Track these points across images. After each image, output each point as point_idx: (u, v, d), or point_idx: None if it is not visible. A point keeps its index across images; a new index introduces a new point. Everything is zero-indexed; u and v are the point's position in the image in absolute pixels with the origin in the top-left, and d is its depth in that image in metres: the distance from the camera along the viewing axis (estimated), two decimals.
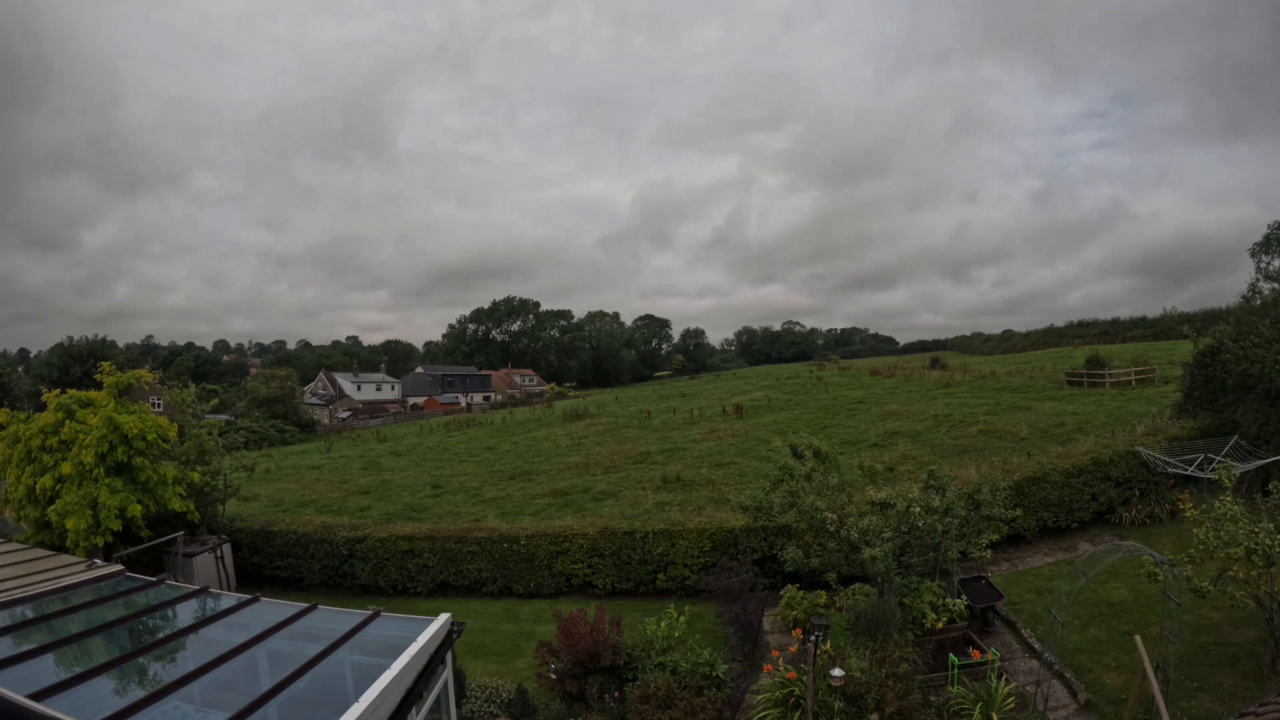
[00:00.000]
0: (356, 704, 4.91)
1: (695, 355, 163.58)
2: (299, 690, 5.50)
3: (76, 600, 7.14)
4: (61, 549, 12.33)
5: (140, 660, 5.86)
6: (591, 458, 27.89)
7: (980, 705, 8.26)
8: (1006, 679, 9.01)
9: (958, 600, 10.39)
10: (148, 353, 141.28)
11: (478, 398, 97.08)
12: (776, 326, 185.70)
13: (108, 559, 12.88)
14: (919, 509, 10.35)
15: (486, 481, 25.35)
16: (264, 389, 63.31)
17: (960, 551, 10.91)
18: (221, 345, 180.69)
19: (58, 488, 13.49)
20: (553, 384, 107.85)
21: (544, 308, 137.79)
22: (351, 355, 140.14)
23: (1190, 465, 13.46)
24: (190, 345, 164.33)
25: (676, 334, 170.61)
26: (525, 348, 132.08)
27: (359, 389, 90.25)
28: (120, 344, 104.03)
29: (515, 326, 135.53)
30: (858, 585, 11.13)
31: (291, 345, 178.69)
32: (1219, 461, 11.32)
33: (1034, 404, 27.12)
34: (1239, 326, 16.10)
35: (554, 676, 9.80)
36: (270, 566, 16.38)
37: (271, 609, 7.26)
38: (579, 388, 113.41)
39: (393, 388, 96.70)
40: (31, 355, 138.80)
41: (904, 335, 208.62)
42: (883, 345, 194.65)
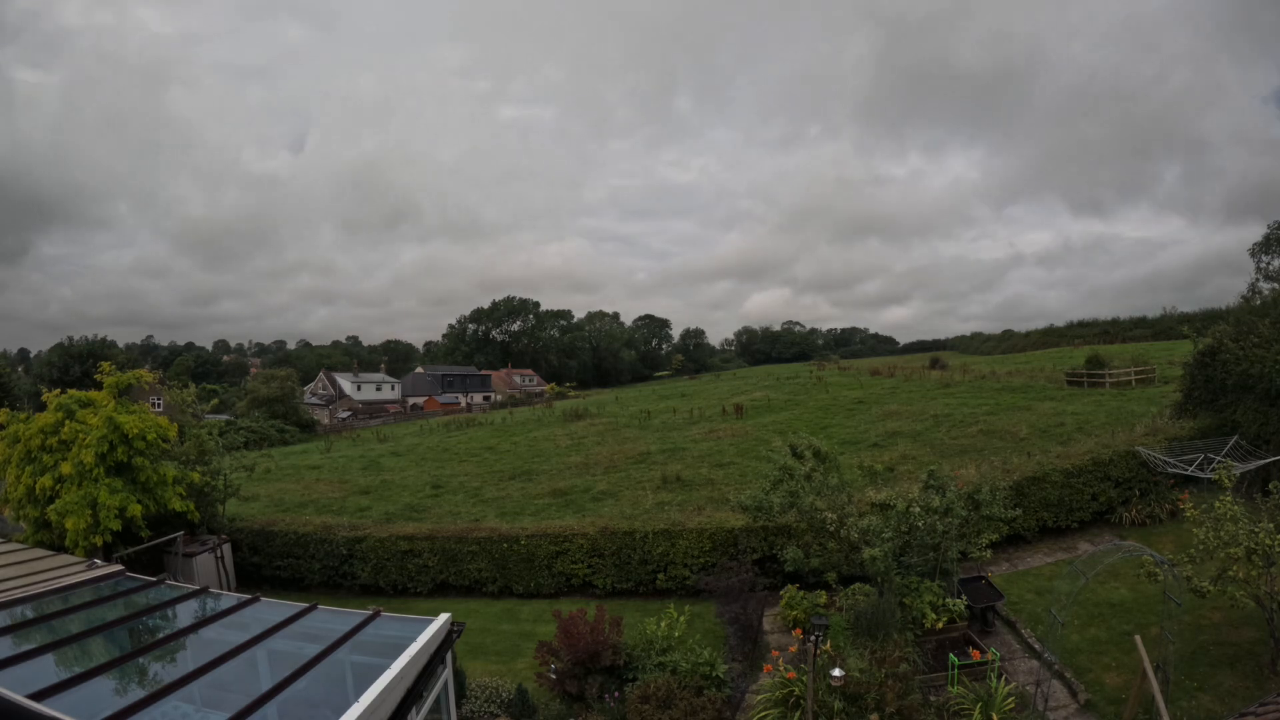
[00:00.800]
0: (356, 704, 4.91)
1: (695, 355, 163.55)
2: (299, 690, 5.51)
3: (76, 600, 7.14)
4: (61, 549, 12.33)
5: (140, 660, 5.86)
6: (591, 458, 27.88)
7: (980, 705, 8.26)
8: (1006, 679, 9.02)
9: (958, 600, 10.40)
10: (148, 353, 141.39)
11: (478, 398, 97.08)
12: (776, 327, 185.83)
13: (108, 559, 12.87)
14: (919, 509, 10.36)
15: (486, 481, 25.35)
16: (264, 389, 63.28)
17: (960, 551, 10.91)
18: (221, 345, 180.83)
19: (57, 487, 13.50)
20: (553, 384, 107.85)
21: (544, 308, 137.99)
22: (351, 355, 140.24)
23: (1190, 465, 13.45)
24: (190, 345, 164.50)
25: (676, 334, 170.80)
26: (525, 348, 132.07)
27: (359, 389, 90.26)
28: (120, 344, 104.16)
29: (515, 326, 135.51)
30: (858, 585, 11.13)
31: (291, 345, 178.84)
32: (1219, 461, 11.33)
33: (1034, 404, 27.12)
34: (1239, 326, 16.10)
35: (554, 676, 9.80)
36: (270, 566, 16.37)
37: (271, 609, 7.27)
38: (579, 388, 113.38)
39: (393, 388, 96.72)
40: (31, 355, 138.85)
41: (904, 335, 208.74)
42: (883, 345, 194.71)
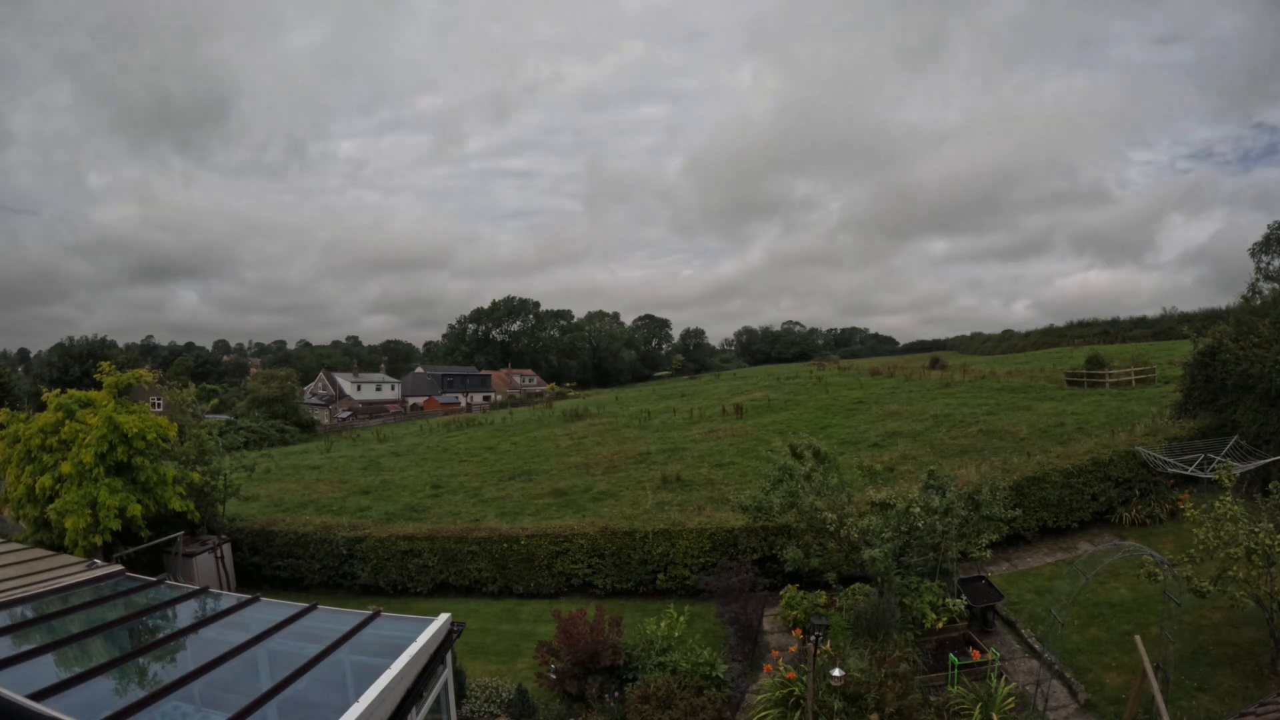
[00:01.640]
0: (356, 704, 4.91)
1: (695, 355, 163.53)
2: (299, 690, 5.50)
3: (76, 600, 7.14)
4: (61, 548, 12.33)
5: (140, 660, 5.86)
6: (591, 458, 27.88)
7: (980, 705, 8.26)
8: (1006, 679, 9.02)
9: (958, 600, 10.40)
10: (147, 353, 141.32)
11: (478, 398, 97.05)
12: (776, 326, 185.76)
13: (107, 559, 12.87)
14: (919, 509, 10.35)
15: (486, 481, 25.34)
16: (264, 389, 63.26)
17: (960, 551, 10.91)
18: (221, 345, 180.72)
19: (57, 487, 13.50)
20: (553, 384, 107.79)
21: (544, 307, 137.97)
22: (351, 355, 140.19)
23: (1190, 465, 13.45)
24: (190, 345, 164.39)
25: (676, 334, 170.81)
26: (525, 348, 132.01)
27: (359, 389, 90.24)
28: (120, 344, 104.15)
29: (515, 326, 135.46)
30: (858, 585, 11.13)
31: (291, 345, 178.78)
32: (1219, 461, 11.32)
33: (1034, 404, 27.12)
34: (1239, 326, 16.10)
35: (554, 676, 9.80)
36: (270, 566, 16.37)
37: (271, 609, 7.27)
38: (579, 388, 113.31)
39: (393, 388, 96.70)
40: (31, 355, 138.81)
41: (904, 335, 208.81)
42: (882, 345, 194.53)
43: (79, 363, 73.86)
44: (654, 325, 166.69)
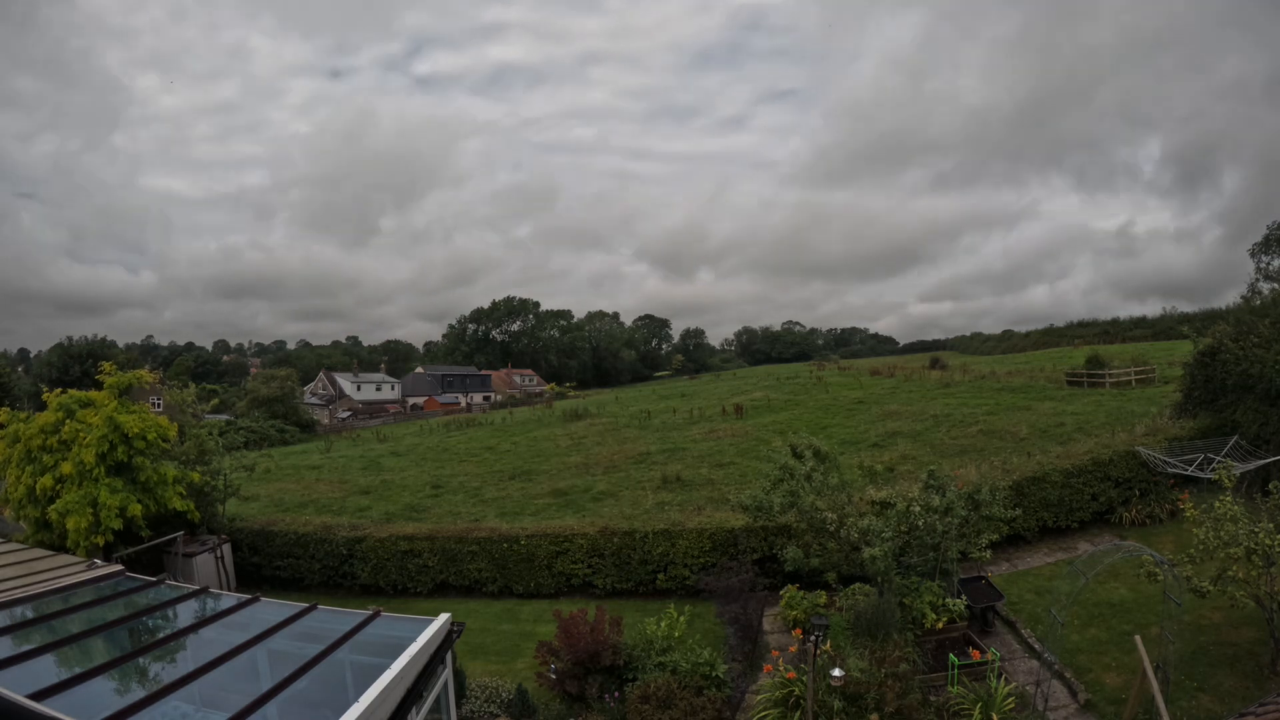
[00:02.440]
0: (356, 704, 4.91)
1: (695, 355, 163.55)
2: (299, 690, 5.51)
3: (76, 600, 7.15)
4: (61, 549, 12.33)
5: (140, 660, 5.87)
6: (591, 458, 27.89)
7: (980, 705, 8.26)
8: (1006, 679, 9.02)
9: (958, 600, 10.39)
10: (148, 353, 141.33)
11: (478, 398, 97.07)
12: (776, 327, 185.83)
13: (108, 559, 12.87)
14: (919, 509, 10.36)
15: (486, 481, 25.35)
16: (264, 389, 63.28)
17: (960, 551, 10.91)
18: (221, 345, 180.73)
19: (58, 487, 13.50)
20: (553, 384, 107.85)
21: (544, 307, 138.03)
22: (351, 355, 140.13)
23: (1190, 465, 13.46)
24: (190, 345, 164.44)
25: (676, 334, 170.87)
26: (525, 348, 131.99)
27: (359, 389, 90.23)
28: (120, 344, 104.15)
29: (515, 326, 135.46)
30: (858, 585, 11.13)
31: (291, 345, 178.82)
32: (1219, 461, 11.32)
33: (1034, 404, 27.12)
34: (1239, 326, 16.09)
35: (554, 676, 9.80)
36: (270, 566, 16.37)
37: (271, 609, 7.28)
38: (579, 388, 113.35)
39: (393, 388, 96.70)
40: (31, 355, 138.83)
41: (904, 335, 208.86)
42: (882, 345, 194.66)
43: (79, 363, 73.82)
44: (654, 325, 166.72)
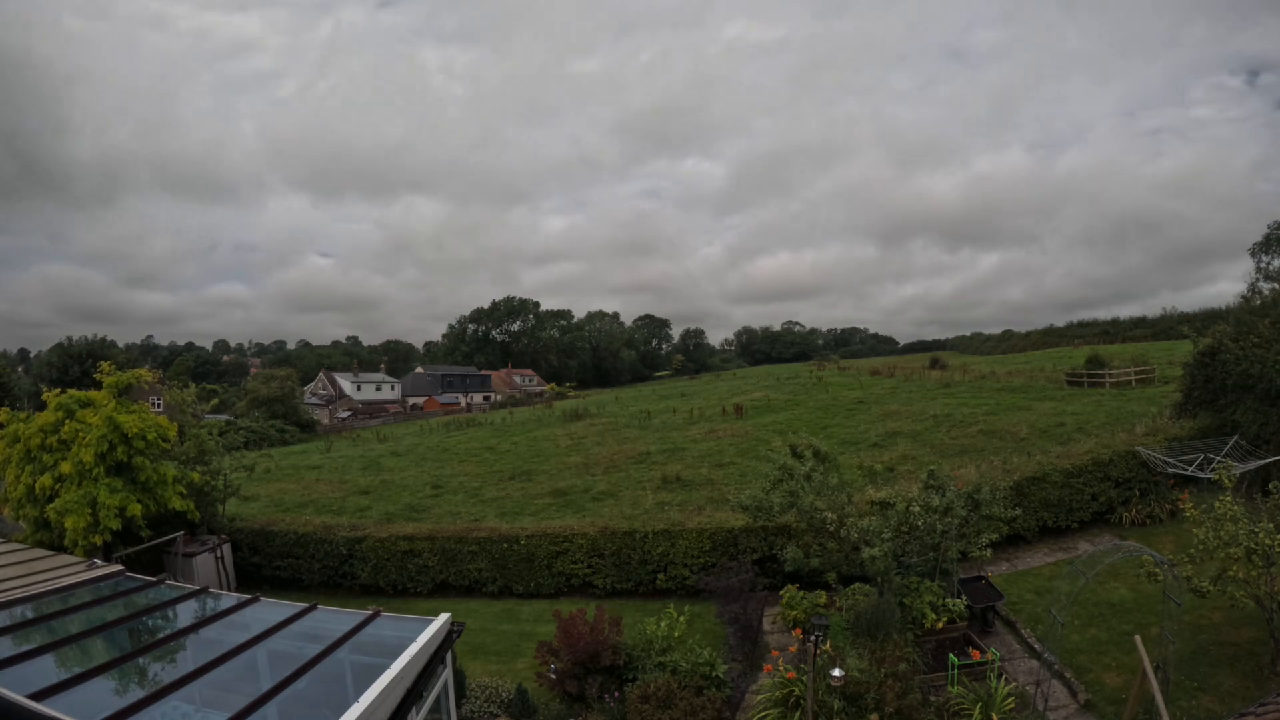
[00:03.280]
0: (356, 704, 4.91)
1: (695, 355, 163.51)
2: (299, 690, 5.51)
3: (76, 600, 7.14)
4: (60, 548, 12.34)
5: (140, 660, 5.86)
6: (591, 458, 27.88)
7: (980, 705, 8.26)
8: (1006, 679, 9.02)
9: (958, 600, 10.39)
10: (147, 353, 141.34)
11: (478, 398, 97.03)
12: (776, 326, 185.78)
13: (107, 559, 12.87)
14: (919, 509, 10.36)
15: (486, 481, 25.34)
16: (264, 389, 63.26)
17: (960, 551, 10.90)
18: (221, 345, 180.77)
19: (57, 487, 13.49)
20: (553, 384, 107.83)
21: (544, 307, 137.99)
22: (351, 355, 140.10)
23: (1190, 465, 13.45)
24: (190, 345, 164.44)
25: (676, 334, 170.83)
26: (525, 348, 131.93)
27: (359, 389, 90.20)
28: (120, 344, 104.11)
29: (515, 326, 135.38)
30: (858, 585, 11.13)
31: (291, 345, 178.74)
32: (1219, 461, 11.32)
33: (1034, 404, 27.11)
34: (1239, 326, 16.08)
35: (554, 676, 9.80)
36: (270, 566, 16.36)
37: (271, 609, 7.27)
38: (579, 388, 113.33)
39: (393, 388, 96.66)
40: (31, 355, 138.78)
41: (903, 335, 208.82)
42: (882, 345, 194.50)
43: (79, 363, 73.75)
44: (654, 325, 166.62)
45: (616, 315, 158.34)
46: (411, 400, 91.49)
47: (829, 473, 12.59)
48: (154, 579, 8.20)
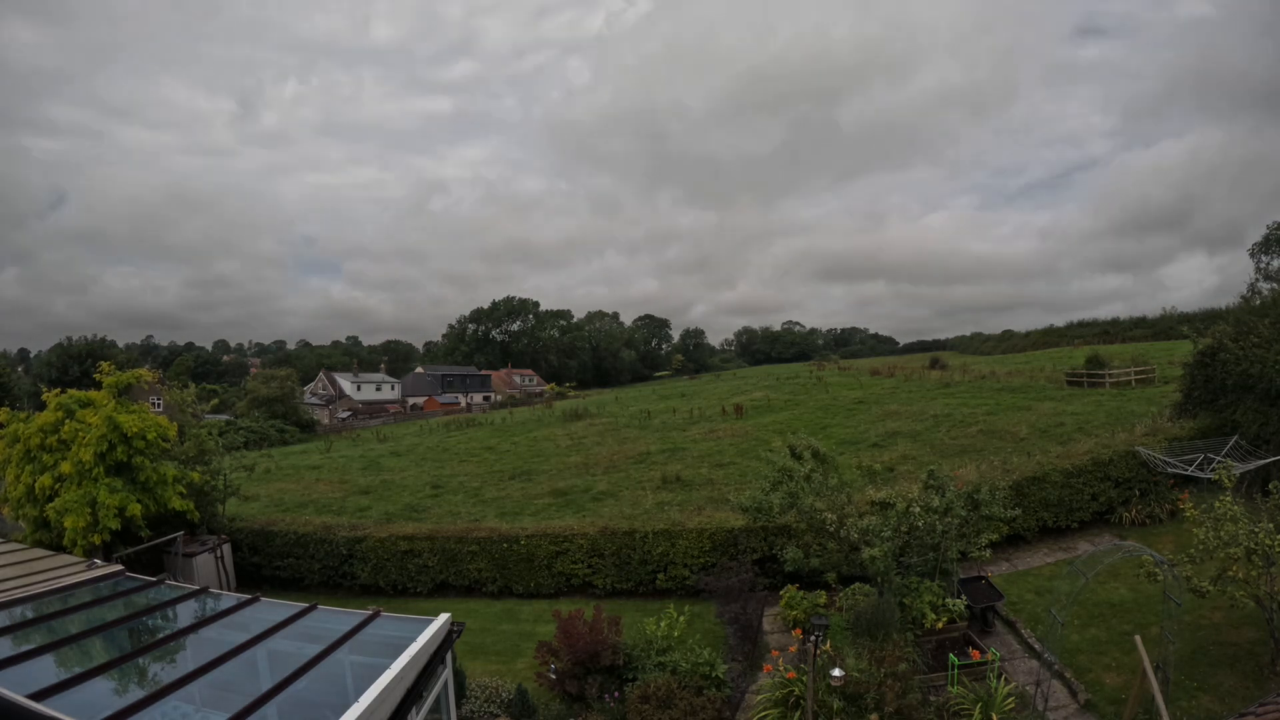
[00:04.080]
0: (356, 704, 4.91)
1: (695, 355, 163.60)
2: (299, 690, 5.51)
3: (76, 600, 7.14)
4: (60, 548, 12.34)
5: (140, 660, 5.86)
6: (591, 458, 27.89)
7: (980, 705, 8.26)
8: (1006, 679, 9.01)
9: (957, 600, 10.39)
10: (147, 353, 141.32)
11: (478, 398, 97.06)
12: (776, 326, 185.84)
13: (107, 559, 12.87)
14: (919, 509, 10.35)
15: (486, 481, 25.35)
16: (264, 389, 63.28)
17: (960, 551, 10.90)
18: (221, 345, 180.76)
19: (57, 486, 13.50)
20: (553, 384, 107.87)
21: (544, 307, 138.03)
22: (351, 355, 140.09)
23: (1190, 465, 13.45)
24: (190, 345, 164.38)
25: (676, 334, 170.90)
26: (525, 348, 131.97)
27: (359, 389, 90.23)
28: (120, 344, 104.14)
29: (515, 326, 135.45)
30: (857, 585, 11.13)
31: (291, 345, 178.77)
32: (1219, 461, 11.31)
33: (1034, 404, 27.11)
34: (1239, 326, 16.08)
35: (554, 676, 9.80)
36: (270, 566, 16.36)
37: (271, 609, 7.27)
38: (579, 388, 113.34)
39: (393, 388, 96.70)
40: (31, 355, 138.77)
41: (903, 335, 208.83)
42: (882, 345, 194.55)
43: (78, 363, 73.85)
44: (654, 325, 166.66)
45: (616, 315, 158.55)
46: (411, 400, 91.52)
47: (829, 473, 12.60)
48: (154, 579, 8.20)
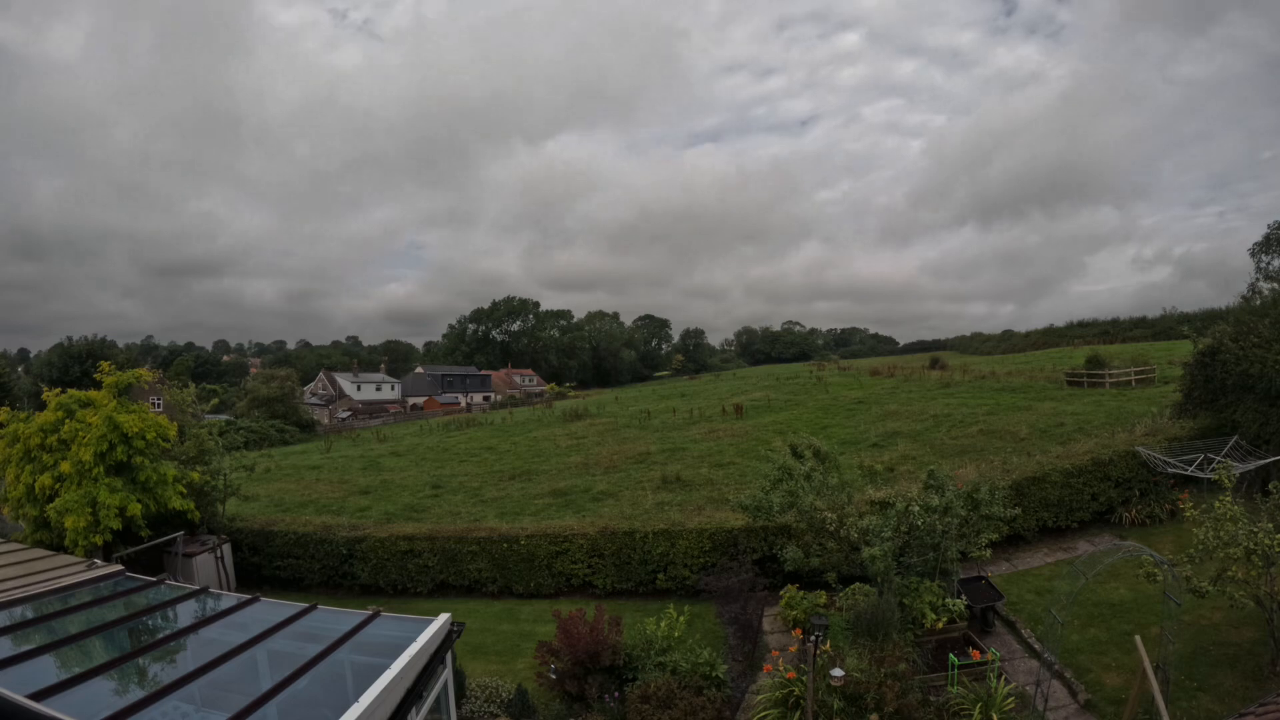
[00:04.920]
0: (356, 704, 4.91)
1: (695, 355, 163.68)
2: (299, 690, 5.51)
3: (76, 600, 7.14)
4: (60, 548, 12.33)
5: (140, 660, 5.86)
6: (591, 458, 27.89)
7: (980, 705, 8.26)
8: (1006, 679, 9.01)
9: (957, 600, 10.39)
10: (147, 352, 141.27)
11: (478, 398, 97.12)
12: (776, 326, 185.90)
13: (107, 559, 12.87)
14: (919, 508, 10.35)
15: (486, 481, 25.35)
16: (264, 389, 63.34)
17: (960, 551, 10.90)
18: (221, 345, 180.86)
19: (57, 486, 13.49)
20: (553, 384, 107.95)
21: (544, 307, 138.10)
22: (351, 355, 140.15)
23: (1190, 465, 13.45)
24: (190, 345, 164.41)
25: (676, 334, 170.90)
26: (525, 348, 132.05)
27: (359, 389, 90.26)
28: (120, 344, 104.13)
29: (515, 326, 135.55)
30: (858, 585, 11.13)
31: (291, 345, 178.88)
32: (1219, 461, 11.31)
33: (1034, 404, 27.12)
34: (1239, 326, 16.08)
35: (554, 676, 9.80)
36: (270, 566, 16.36)
37: (271, 609, 7.27)
38: (579, 388, 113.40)
39: (393, 388, 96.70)
40: (31, 355, 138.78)
41: (904, 335, 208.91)
42: (882, 345, 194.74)
43: (79, 362, 73.82)
44: (654, 325, 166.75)
45: (616, 315, 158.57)
46: (411, 400, 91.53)
47: (829, 472, 12.59)
48: (154, 579, 8.20)
